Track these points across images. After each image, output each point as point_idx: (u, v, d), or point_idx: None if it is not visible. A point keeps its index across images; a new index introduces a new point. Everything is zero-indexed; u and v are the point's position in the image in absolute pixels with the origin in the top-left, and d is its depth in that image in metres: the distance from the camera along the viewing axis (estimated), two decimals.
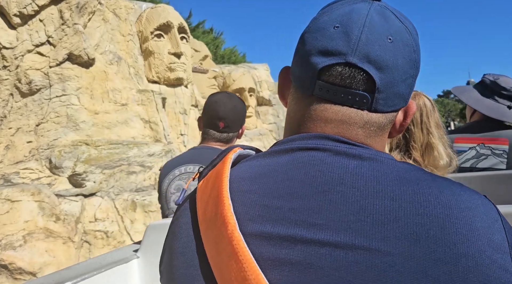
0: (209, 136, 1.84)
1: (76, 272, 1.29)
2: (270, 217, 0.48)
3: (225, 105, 1.78)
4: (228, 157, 0.58)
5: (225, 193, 0.51)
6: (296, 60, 0.60)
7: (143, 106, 6.85)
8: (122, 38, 7.64)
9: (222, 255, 0.48)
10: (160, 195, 1.82)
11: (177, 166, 1.79)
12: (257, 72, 13.91)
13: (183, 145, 8.27)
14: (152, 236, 1.48)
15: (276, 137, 13.42)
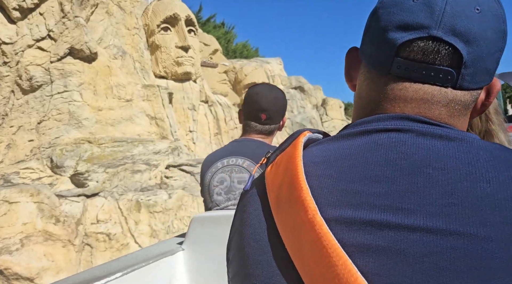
0: (250, 129, 1.78)
1: (125, 263, 1.32)
2: (350, 202, 0.46)
3: (267, 97, 1.74)
4: (298, 141, 0.55)
5: (301, 176, 0.48)
6: (368, 39, 0.57)
7: (148, 102, 6.57)
8: (127, 32, 7.38)
9: (302, 241, 0.45)
10: (202, 188, 1.79)
11: (219, 158, 1.75)
12: (270, 67, 13.54)
13: (192, 141, 7.99)
14: (196, 228, 1.51)
15: (289, 133, 13.04)
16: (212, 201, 1.70)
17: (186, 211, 5.53)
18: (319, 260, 0.43)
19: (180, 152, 6.35)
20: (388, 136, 0.49)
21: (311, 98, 13.61)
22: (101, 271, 1.27)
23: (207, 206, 1.76)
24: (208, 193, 1.74)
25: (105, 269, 1.30)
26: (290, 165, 0.51)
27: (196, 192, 5.74)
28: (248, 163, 1.67)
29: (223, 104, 9.93)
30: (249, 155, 1.67)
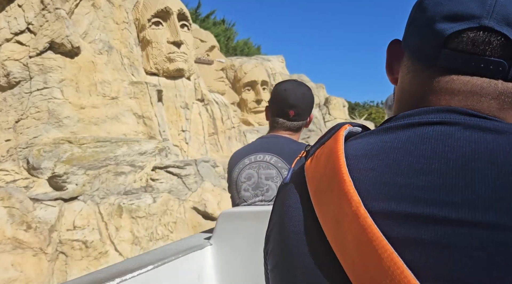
0: (278, 125, 1.78)
1: (156, 257, 1.36)
2: (394, 195, 0.45)
3: (295, 93, 1.73)
4: (339, 134, 0.54)
5: (344, 169, 0.48)
6: (413, 30, 0.56)
7: (136, 100, 6.21)
8: (115, 26, 7.02)
9: (345, 233, 0.45)
10: (230, 184, 1.81)
11: (247, 155, 1.75)
12: (271, 64, 13.14)
13: (184, 141, 7.62)
14: (224, 224, 1.52)
15: None
16: (240, 197, 1.71)
17: (171, 216, 5.15)
18: (362, 253, 0.43)
19: (168, 153, 5.97)
20: (434, 129, 0.48)
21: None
22: (134, 264, 1.30)
23: (235, 201, 1.78)
24: (235, 189, 1.74)
25: (137, 261, 1.34)
26: (332, 158, 0.51)
27: (182, 195, 5.36)
28: (275, 159, 1.66)
29: (219, 103, 9.55)
30: (277, 151, 1.67)
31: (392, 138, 0.50)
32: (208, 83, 9.65)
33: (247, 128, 11.69)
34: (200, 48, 9.64)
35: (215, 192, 5.62)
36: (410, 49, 0.56)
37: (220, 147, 9.36)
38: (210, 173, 5.77)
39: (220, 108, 9.49)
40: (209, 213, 5.35)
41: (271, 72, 12.92)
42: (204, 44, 9.65)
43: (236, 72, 12.26)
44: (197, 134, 7.83)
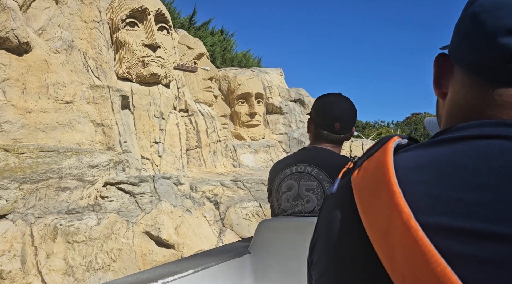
0: (322, 137, 1.77)
1: (196, 262, 1.42)
2: (446, 209, 0.44)
3: (342, 106, 1.75)
4: (388, 146, 0.53)
5: (394, 180, 0.47)
6: (469, 45, 0.53)
7: (94, 106, 5.47)
8: (83, 25, 6.36)
9: (395, 245, 0.43)
10: (270, 194, 1.82)
11: (288, 166, 1.75)
12: (268, 77, 12.42)
13: (157, 155, 6.84)
14: (262, 233, 1.58)
15: (286, 150, 11.82)
16: (280, 207, 1.71)
17: (117, 242, 4.34)
18: (413, 266, 0.42)
19: (127, 167, 5.19)
20: (489, 143, 0.47)
21: None
22: (176, 267, 1.34)
23: (274, 211, 1.78)
24: (275, 199, 1.75)
25: (179, 265, 1.38)
26: (380, 170, 0.50)
27: (133, 217, 4.56)
28: (316, 170, 1.66)
29: (205, 115, 8.80)
30: (319, 163, 1.67)
31: (444, 151, 0.49)
32: (194, 92, 8.93)
33: (238, 143, 10.91)
34: (187, 55, 8.98)
35: (175, 214, 4.81)
36: (465, 64, 0.54)
37: (203, 162, 8.58)
38: (171, 192, 4.96)
39: (205, 120, 8.75)
40: (163, 239, 4.53)
41: (267, 84, 12.19)
42: (192, 51, 8.98)
43: (230, 83, 11.55)
44: (173, 147, 7.06)
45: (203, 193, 5.63)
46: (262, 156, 10.86)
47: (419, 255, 0.41)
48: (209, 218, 5.56)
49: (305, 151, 1.80)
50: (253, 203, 6.10)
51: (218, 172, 8.43)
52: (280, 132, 11.97)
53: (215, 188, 5.82)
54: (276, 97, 12.11)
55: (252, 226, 5.93)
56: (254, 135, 11.30)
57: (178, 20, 11.51)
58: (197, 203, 5.46)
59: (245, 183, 6.36)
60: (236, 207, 5.96)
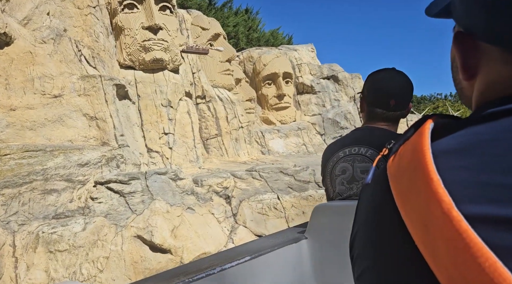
0: (376, 116, 1.66)
1: (253, 248, 1.42)
2: (494, 197, 0.39)
3: (395, 82, 1.66)
4: (425, 128, 0.48)
5: (431, 167, 0.43)
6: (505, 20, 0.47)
7: (86, 98, 5.00)
8: (76, 11, 5.89)
9: (436, 238, 0.40)
10: (324, 178, 1.73)
11: (341, 148, 1.66)
12: (297, 54, 11.53)
13: (167, 146, 6.32)
14: (318, 218, 1.53)
15: (320, 132, 10.93)
16: (334, 191, 1.66)
17: (104, 249, 3.85)
18: (457, 260, 0.38)
19: (121, 163, 4.69)
20: None
21: (347, 89, 11.38)
22: (232, 254, 1.34)
23: (329, 195, 1.73)
24: (330, 183, 1.70)
25: (236, 252, 1.38)
26: (416, 155, 0.47)
27: (122, 220, 4.04)
28: (371, 151, 1.59)
29: (224, 100, 8.17)
30: (373, 143, 1.60)
31: (490, 129, 0.44)
32: (211, 77, 8.32)
33: (266, 128, 10.21)
34: (201, 37, 8.35)
35: (172, 214, 4.24)
36: (500, 40, 0.48)
37: (224, 151, 7.98)
38: (167, 189, 4.40)
39: (224, 105, 8.11)
40: (157, 244, 3.98)
41: (296, 62, 11.32)
42: (206, 32, 8.34)
43: (255, 64, 10.82)
44: (184, 138, 6.50)
45: (210, 187, 5.03)
46: (293, 140, 10.09)
47: (463, 249, 0.37)
48: (218, 215, 4.96)
49: (358, 131, 1.72)
50: (270, 195, 5.42)
51: (241, 161, 7.80)
52: (313, 114, 11.10)
53: (224, 181, 5.19)
54: (307, 76, 11.23)
55: (268, 221, 5.27)
56: (284, 119, 10.54)
57: (195, 1, 10.88)
58: (203, 198, 4.87)
59: (261, 172, 5.68)
60: (250, 200, 5.31)
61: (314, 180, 5.77)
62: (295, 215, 5.37)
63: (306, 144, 10.20)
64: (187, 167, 6.42)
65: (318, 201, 5.56)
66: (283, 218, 5.34)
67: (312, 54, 12.42)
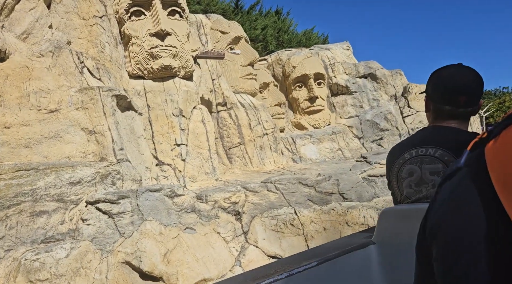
0: (444, 114, 1.59)
1: (319, 253, 1.41)
2: None
3: (466, 77, 1.58)
4: None
5: None
6: None
7: (84, 111, 4.73)
8: (81, 22, 5.70)
9: None
10: (390, 181, 1.68)
11: (407, 149, 1.61)
12: (330, 53, 10.82)
13: (180, 158, 5.95)
14: (386, 222, 1.50)
15: (358, 135, 10.10)
16: (402, 194, 1.62)
17: (86, 278, 3.48)
18: None
19: (118, 179, 4.35)
20: None
21: (387, 87, 10.50)
22: (299, 259, 1.35)
23: (396, 199, 1.68)
24: (396, 186, 1.65)
25: (302, 257, 1.38)
26: None
27: (109, 244, 3.66)
28: (441, 152, 1.52)
29: (246, 106, 7.69)
30: (443, 143, 1.54)
31: None
32: (232, 82, 7.89)
33: (298, 134, 9.60)
34: (221, 41, 7.96)
35: (165, 236, 3.81)
36: None
37: (248, 160, 7.49)
38: (161, 208, 3.97)
39: (247, 112, 7.64)
40: (145, 271, 3.56)
41: (328, 62, 10.62)
42: (226, 36, 7.94)
43: (284, 67, 10.27)
44: (199, 148, 6.09)
45: (215, 203, 4.55)
46: (327, 145, 9.39)
47: None
48: (225, 234, 4.46)
49: (424, 131, 1.66)
50: (286, 209, 4.84)
51: (266, 170, 7.27)
52: (349, 116, 10.33)
53: (233, 195, 4.69)
54: (341, 76, 10.49)
55: (284, 240, 4.70)
56: (317, 123, 9.87)
57: (219, 6, 10.54)
58: (206, 216, 4.40)
59: (277, 184, 5.12)
60: (263, 216, 4.77)
61: (338, 191, 5.12)
62: (315, 232, 4.76)
63: (342, 149, 9.46)
64: (203, 180, 6.01)
65: (342, 215, 4.90)
66: (301, 235, 4.74)
67: (348, 53, 11.64)
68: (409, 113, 10.06)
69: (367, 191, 5.21)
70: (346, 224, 4.80)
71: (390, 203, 5.33)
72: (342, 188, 5.10)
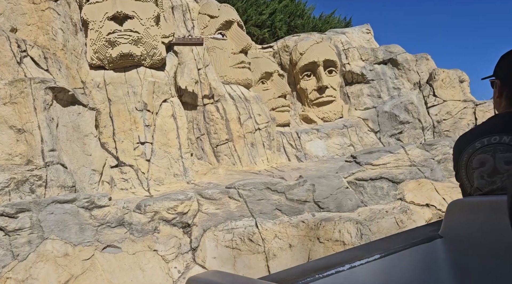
0: None
1: (381, 247, 1.36)
2: None
3: None
4: None
5: None
6: None
7: (13, 106, 4.13)
8: (31, 6, 5.11)
9: None
10: (458, 172, 1.57)
11: (476, 138, 1.52)
12: (344, 38, 9.71)
13: (144, 159, 5.24)
14: (454, 216, 1.44)
15: (374, 129, 8.93)
16: (472, 186, 1.53)
17: None
18: None
19: (38, 186, 3.70)
20: None
21: (410, 73, 9.27)
22: (361, 252, 1.32)
23: (466, 191, 1.59)
24: (465, 177, 1.56)
25: (364, 250, 1.35)
26: None
27: None
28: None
29: (236, 98, 6.87)
30: None
31: None
32: (222, 72, 7.08)
33: (304, 128, 8.64)
34: (209, 26, 7.17)
35: (72, 257, 3.10)
36: None
37: (237, 158, 6.68)
38: (71, 223, 3.26)
39: (236, 104, 6.82)
40: None
41: (342, 47, 9.52)
42: (214, 20, 7.13)
43: (291, 54, 9.30)
44: (167, 147, 5.36)
45: (156, 214, 3.79)
46: (337, 140, 8.36)
47: None
48: (166, 251, 3.70)
49: (497, 118, 1.55)
50: (246, 221, 4.01)
51: (256, 170, 6.43)
52: (365, 107, 9.20)
53: (180, 204, 3.92)
54: (356, 62, 9.36)
55: (240, 258, 3.86)
56: (327, 116, 8.84)
57: None
58: (140, 231, 3.65)
59: (241, 189, 4.29)
60: (217, 229, 3.97)
61: (313, 199, 4.20)
62: (278, 250, 3.88)
63: (355, 144, 8.39)
64: (171, 183, 5.27)
65: (313, 229, 3.99)
66: (261, 253, 3.89)
67: (368, 36, 10.46)
68: (435, 103, 8.79)
69: (350, 199, 4.25)
70: (317, 240, 3.89)
71: (378, 214, 4.33)
72: (318, 195, 4.18)
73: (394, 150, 4.72)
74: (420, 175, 4.61)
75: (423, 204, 4.37)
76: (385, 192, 4.44)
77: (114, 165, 5.12)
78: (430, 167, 4.71)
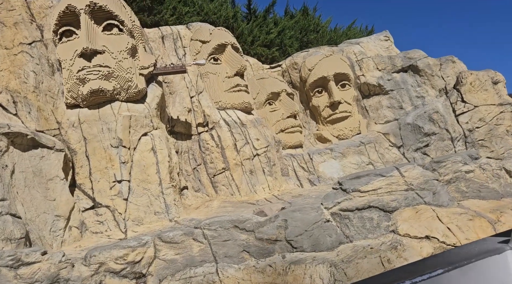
0: None
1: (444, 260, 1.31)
2: None
3: None
4: None
5: None
6: None
7: None
8: (3, 52, 5.09)
9: None
10: None
11: None
12: (358, 48, 9.03)
13: (121, 198, 4.95)
14: None
15: (397, 144, 8.04)
16: None
17: None
18: None
19: None
20: None
21: (434, 79, 8.39)
22: (423, 266, 1.26)
23: None
24: None
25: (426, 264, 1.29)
26: None
27: None
28: None
29: (231, 124, 6.46)
30: None
31: None
32: (216, 98, 6.72)
33: (317, 149, 7.99)
34: (202, 52, 6.87)
35: None
36: None
37: (235, 188, 6.21)
38: None
39: (231, 130, 6.40)
40: None
41: (356, 58, 8.85)
42: (206, 45, 6.83)
43: (300, 71, 8.79)
44: (146, 183, 5.03)
45: (101, 266, 3.41)
46: (353, 159, 7.63)
47: None
48: None
49: None
50: (206, 268, 3.52)
51: (255, 200, 5.92)
52: (386, 120, 8.40)
53: (131, 252, 3.52)
54: (371, 73, 8.63)
55: None
56: (342, 133, 8.16)
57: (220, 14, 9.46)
58: None
59: (206, 230, 3.82)
60: (174, 278, 3.51)
61: (285, 237, 3.63)
62: None
63: (374, 162, 7.63)
64: (151, 221, 4.92)
65: (281, 274, 3.41)
66: None
67: (386, 44, 9.71)
68: (464, 109, 7.83)
69: (330, 235, 3.62)
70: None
71: (360, 252, 3.64)
72: (290, 233, 3.61)
73: (386, 172, 4.04)
74: (419, 200, 3.88)
75: (421, 236, 3.64)
76: (375, 224, 3.76)
77: (89, 206, 4.86)
78: (432, 189, 3.96)
